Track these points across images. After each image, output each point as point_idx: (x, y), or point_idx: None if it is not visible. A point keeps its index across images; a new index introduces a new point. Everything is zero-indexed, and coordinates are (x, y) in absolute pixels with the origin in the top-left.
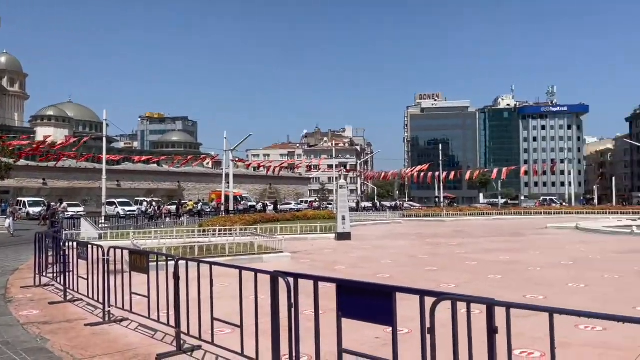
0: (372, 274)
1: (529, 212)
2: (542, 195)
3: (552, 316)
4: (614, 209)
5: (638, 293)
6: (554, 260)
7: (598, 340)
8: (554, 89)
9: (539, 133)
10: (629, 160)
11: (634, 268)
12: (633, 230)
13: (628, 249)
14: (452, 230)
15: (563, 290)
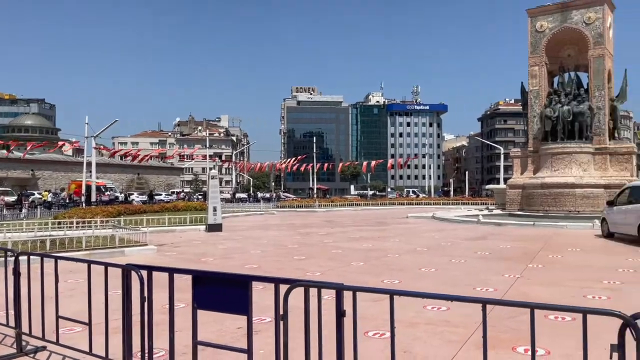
0: (240, 265)
1: (393, 203)
2: (407, 187)
3: (392, 298)
4: (466, 200)
5: (479, 275)
6: (410, 247)
7: (441, 318)
8: (418, 88)
9: (405, 129)
10: (480, 156)
11: (477, 253)
12: (479, 219)
13: (474, 236)
14: (322, 220)
15: (416, 274)
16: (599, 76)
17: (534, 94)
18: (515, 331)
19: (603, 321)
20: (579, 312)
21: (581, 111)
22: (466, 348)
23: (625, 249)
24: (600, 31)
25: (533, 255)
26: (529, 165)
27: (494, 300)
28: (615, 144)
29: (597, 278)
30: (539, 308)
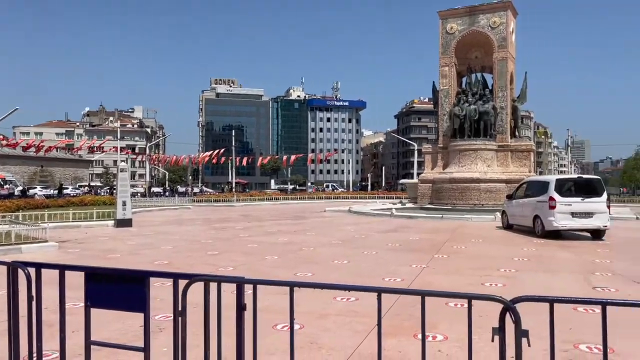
0: (149, 261)
1: (312, 197)
2: (327, 181)
3: (292, 289)
4: (381, 194)
5: (389, 266)
6: (326, 240)
7: (350, 309)
8: (338, 84)
9: (325, 124)
10: (396, 152)
11: (388, 245)
12: (392, 213)
13: (386, 229)
14: (240, 214)
15: (329, 266)
16: (502, 78)
17: (444, 93)
18: (417, 319)
19: (497, 307)
20: (465, 298)
21: (486, 110)
22: (370, 337)
23: (522, 240)
24: (504, 35)
25: (439, 247)
26: (439, 161)
27: (389, 289)
28: (516, 142)
29: (495, 266)
30: (430, 295)
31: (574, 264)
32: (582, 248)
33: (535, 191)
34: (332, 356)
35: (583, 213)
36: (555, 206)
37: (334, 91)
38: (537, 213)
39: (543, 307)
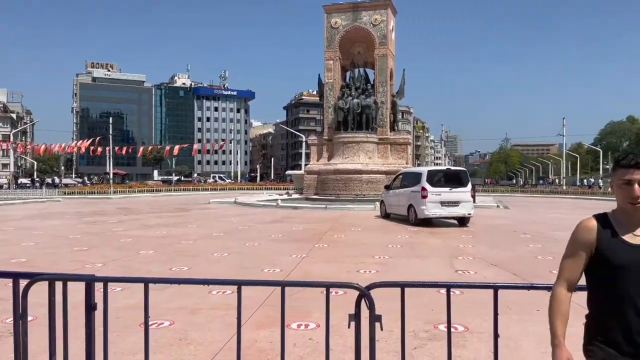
0: (5, 259)
1: (197, 189)
2: (214, 172)
3: (147, 286)
4: (270, 185)
5: (269, 257)
6: (207, 232)
7: (225, 302)
8: (226, 73)
9: (212, 114)
10: (285, 144)
11: (271, 236)
12: (278, 204)
13: (271, 220)
14: (116, 207)
15: (208, 259)
16: (383, 74)
17: (329, 86)
18: (291, 308)
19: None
20: (323, 287)
21: (368, 104)
22: (243, 330)
23: (397, 227)
24: (385, 33)
25: (321, 236)
26: (324, 152)
27: (249, 282)
28: (395, 135)
29: (371, 254)
30: (289, 285)
31: (442, 249)
32: (449, 234)
33: (409, 182)
34: (200, 352)
35: (451, 202)
36: (427, 196)
37: (221, 80)
38: (411, 202)
39: (410, 291)
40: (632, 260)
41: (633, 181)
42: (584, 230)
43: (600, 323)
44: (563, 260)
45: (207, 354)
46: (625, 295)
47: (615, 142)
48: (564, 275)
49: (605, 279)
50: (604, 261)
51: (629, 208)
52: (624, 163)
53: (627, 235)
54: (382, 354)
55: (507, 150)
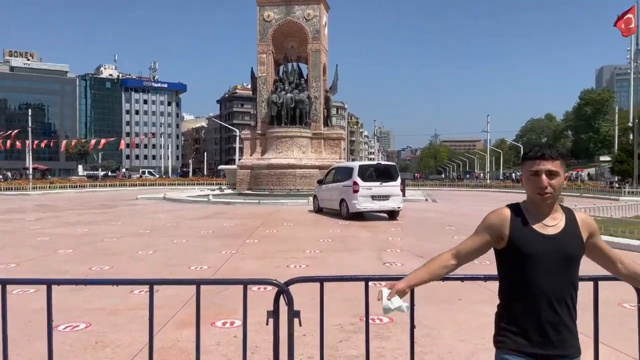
0: None
1: (124, 184)
2: (144, 167)
3: (50, 287)
4: (202, 181)
5: (198, 254)
6: (133, 229)
7: (147, 302)
8: (156, 65)
9: (141, 107)
10: (219, 138)
11: (200, 232)
12: (209, 199)
13: (201, 216)
14: (35, 204)
15: (132, 257)
16: (316, 69)
17: (262, 80)
18: (218, 306)
19: (297, 288)
20: (241, 284)
21: (301, 99)
22: (165, 330)
23: (329, 222)
24: (318, 28)
25: (252, 232)
26: (258, 147)
27: (160, 280)
28: (329, 130)
29: (302, 248)
30: (204, 284)
31: (371, 242)
32: (379, 228)
33: (341, 177)
34: (117, 354)
35: (381, 196)
36: (359, 190)
37: (151, 72)
38: (343, 197)
39: (338, 285)
40: (542, 250)
41: (540, 172)
42: (497, 218)
43: (511, 313)
44: (468, 238)
45: (124, 356)
46: (535, 285)
47: (535, 138)
48: (459, 246)
49: (515, 268)
50: (515, 250)
51: (537, 199)
52: (530, 155)
53: (537, 225)
54: (308, 349)
55: (436, 146)
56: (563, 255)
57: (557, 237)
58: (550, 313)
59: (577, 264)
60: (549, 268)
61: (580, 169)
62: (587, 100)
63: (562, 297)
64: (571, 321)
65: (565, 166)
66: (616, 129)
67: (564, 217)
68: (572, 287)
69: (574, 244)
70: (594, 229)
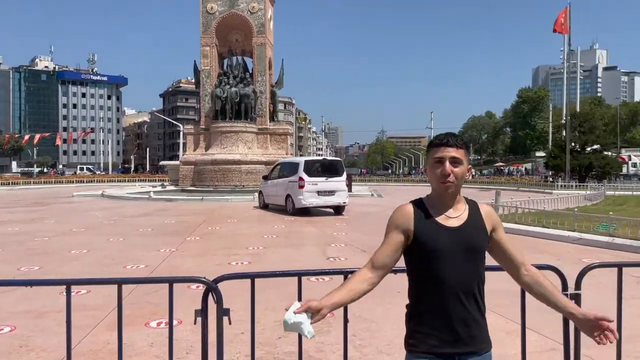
0: None
1: (61, 181)
2: (82, 163)
3: None
4: (144, 177)
5: (135, 252)
6: (67, 228)
7: (80, 303)
8: (94, 57)
9: (79, 100)
10: (162, 133)
11: (139, 230)
12: (151, 196)
13: (141, 213)
14: None
15: (64, 257)
16: (261, 63)
17: (205, 74)
18: (153, 305)
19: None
20: (166, 282)
21: (247, 94)
22: (95, 332)
23: (275, 218)
24: (263, 21)
25: (194, 229)
26: (202, 142)
27: (78, 280)
28: (274, 125)
29: (245, 245)
30: (126, 283)
31: (316, 237)
32: (324, 223)
33: (287, 172)
34: (42, 358)
35: (327, 191)
36: (304, 185)
37: (90, 64)
38: (289, 192)
39: (280, 281)
40: (447, 243)
41: (444, 159)
42: (401, 215)
43: (420, 312)
44: (379, 247)
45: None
46: (441, 279)
47: (476, 135)
48: (373, 257)
49: (421, 263)
50: (420, 245)
51: (440, 188)
52: (436, 142)
53: (440, 217)
54: (245, 347)
55: (382, 142)
56: (467, 247)
57: (460, 228)
58: (459, 308)
59: (483, 256)
60: (454, 261)
61: (519, 164)
62: (525, 98)
63: (470, 291)
64: (480, 315)
65: (468, 157)
66: (550, 126)
67: (468, 208)
68: (479, 279)
69: (478, 235)
70: (497, 223)
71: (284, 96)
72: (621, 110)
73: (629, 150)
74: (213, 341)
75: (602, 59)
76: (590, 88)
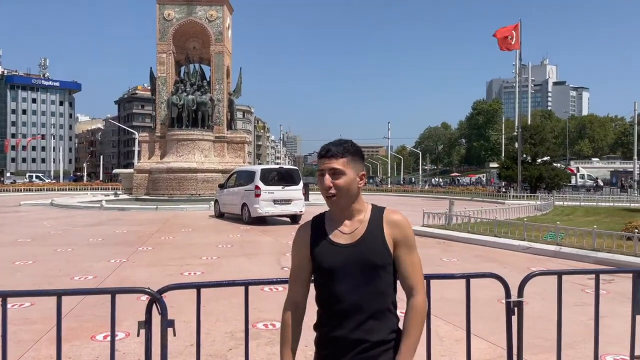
0: None
1: (8, 189)
2: (32, 171)
3: None
4: (97, 185)
5: (83, 263)
6: (12, 238)
7: (20, 316)
8: (46, 61)
9: (29, 106)
10: (117, 140)
11: (89, 240)
12: (102, 205)
13: (92, 222)
14: None
15: (6, 268)
16: (219, 71)
17: (161, 81)
18: (99, 318)
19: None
20: (108, 294)
21: (204, 101)
22: (37, 347)
23: (230, 227)
24: (221, 29)
25: (146, 239)
26: (157, 150)
27: (15, 293)
28: (232, 133)
29: (199, 254)
30: (66, 294)
31: (271, 247)
32: (280, 232)
33: (244, 180)
34: None
35: (283, 200)
36: (260, 194)
37: (41, 69)
38: (244, 201)
39: (233, 290)
40: (339, 262)
41: (324, 171)
42: (298, 237)
43: (322, 334)
44: (290, 273)
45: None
46: (338, 301)
47: (432, 145)
48: (289, 294)
49: (321, 284)
50: (316, 266)
51: (326, 202)
52: (320, 153)
53: (334, 233)
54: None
55: None
56: (363, 264)
57: (354, 244)
58: (355, 331)
59: (386, 271)
60: (350, 281)
61: (473, 175)
62: (479, 110)
63: (368, 312)
64: (386, 333)
65: (355, 164)
66: (503, 138)
67: (369, 219)
68: (380, 299)
69: (375, 251)
70: (403, 235)
71: (243, 105)
72: (570, 124)
73: (577, 162)
74: (160, 353)
75: (552, 74)
76: (541, 101)
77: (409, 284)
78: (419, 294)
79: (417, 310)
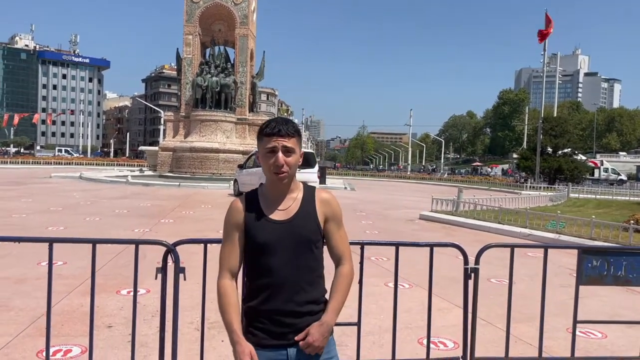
0: None
1: (38, 162)
2: (61, 145)
3: None
4: (123, 161)
5: (109, 231)
6: (44, 207)
7: (55, 272)
8: (77, 38)
9: (60, 81)
10: (143, 118)
11: (115, 211)
12: (128, 180)
13: (118, 196)
14: None
15: (41, 234)
16: (243, 54)
17: (187, 62)
18: (124, 277)
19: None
20: (132, 244)
21: (227, 84)
22: (69, 297)
23: None
24: (246, 13)
25: (168, 212)
26: (181, 129)
27: (59, 239)
28: (254, 116)
29: (216, 228)
30: (99, 242)
31: None
32: None
33: None
34: (20, 317)
35: None
36: None
37: (72, 45)
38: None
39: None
40: (274, 237)
41: (277, 149)
42: (234, 212)
43: (253, 307)
44: (222, 248)
45: (27, 318)
46: (271, 275)
47: (456, 134)
48: (224, 265)
49: (253, 259)
50: (249, 240)
51: (274, 179)
52: (267, 131)
53: (269, 209)
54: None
55: (363, 137)
56: (297, 240)
57: (289, 221)
58: (288, 303)
59: (316, 246)
60: (284, 255)
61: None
62: (505, 100)
63: (300, 285)
64: (315, 306)
65: (300, 143)
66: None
67: (302, 197)
68: (310, 272)
69: (308, 227)
70: (333, 212)
71: (268, 87)
72: (598, 116)
73: (603, 155)
74: (180, 304)
75: (583, 65)
76: (572, 92)
77: (337, 254)
78: (347, 263)
79: (344, 276)
